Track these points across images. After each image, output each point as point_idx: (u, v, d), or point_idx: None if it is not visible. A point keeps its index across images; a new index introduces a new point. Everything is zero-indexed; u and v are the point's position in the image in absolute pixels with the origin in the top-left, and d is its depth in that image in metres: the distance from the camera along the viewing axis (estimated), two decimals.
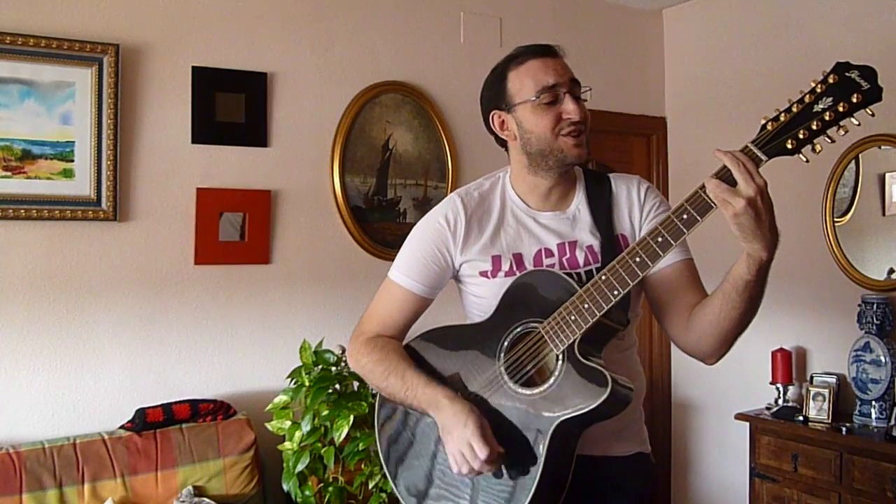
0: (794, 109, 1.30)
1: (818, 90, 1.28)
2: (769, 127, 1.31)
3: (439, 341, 1.62)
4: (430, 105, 3.44)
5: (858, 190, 3.30)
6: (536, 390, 1.44)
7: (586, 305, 1.40)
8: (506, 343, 1.50)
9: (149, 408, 2.67)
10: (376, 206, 3.31)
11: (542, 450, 1.40)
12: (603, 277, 1.40)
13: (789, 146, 1.28)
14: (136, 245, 2.81)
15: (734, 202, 1.26)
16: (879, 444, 2.85)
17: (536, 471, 1.40)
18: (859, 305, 3.11)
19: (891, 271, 3.16)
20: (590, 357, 1.43)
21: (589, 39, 3.94)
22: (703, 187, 1.32)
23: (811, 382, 3.27)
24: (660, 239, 1.35)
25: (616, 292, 1.38)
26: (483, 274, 1.59)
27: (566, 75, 1.55)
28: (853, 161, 3.27)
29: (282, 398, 2.72)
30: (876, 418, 3.01)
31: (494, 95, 1.60)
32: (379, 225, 3.31)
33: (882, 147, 3.16)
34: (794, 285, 3.49)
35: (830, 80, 1.29)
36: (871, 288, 3.17)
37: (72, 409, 2.70)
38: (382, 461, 1.63)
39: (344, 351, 2.67)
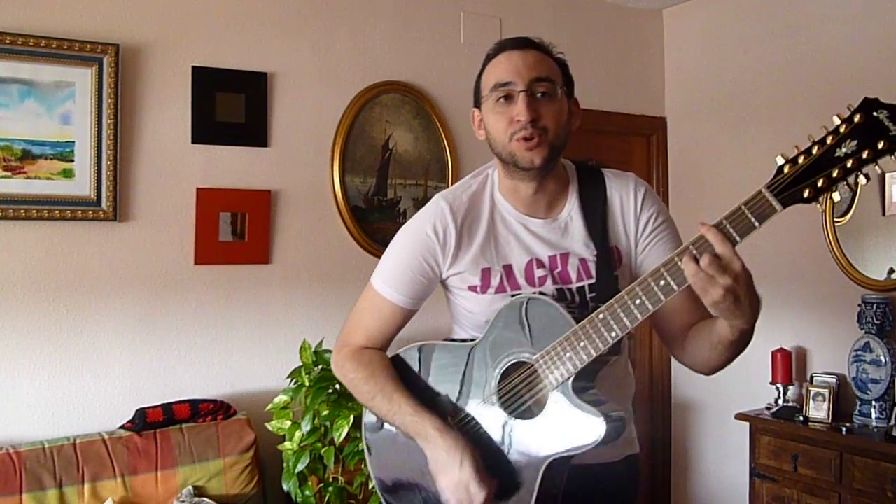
0: (815, 152, 1.19)
1: (842, 130, 1.18)
2: (786, 170, 1.21)
3: (429, 359, 1.56)
4: (430, 105, 3.44)
5: (858, 190, 3.30)
6: (530, 423, 1.41)
7: (582, 344, 1.35)
8: (497, 371, 1.45)
9: (149, 408, 2.67)
10: (376, 206, 3.31)
11: (534, 485, 1.38)
12: (601, 316, 1.34)
13: (806, 195, 1.20)
14: (136, 245, 2.81)
15: (713, 291, 1.21)
16: (879, 444, 2.85)
17: (529, 502, 1.38)
18: (859, 305, 3.11)
19: (891, 271, 3.16)
20: (584, 392, 1.38)
21: (589, 39, 3.94)
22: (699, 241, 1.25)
23: (811, 382, 3.27)
24: (662, 283, 1.28)
25: (614, 334, 1.33)
26: (472, 289, 1.53)
27: (529, 73, 1.43)
28: None
29: (282, 398, 2.72)
30: (876, 418, 3.01)
31: (475, 91, 1.55)
32: (379, 225, 3.31)
33: None
34: (794, 285, 3.49)
35: (856, 120, 1.17)
36: (871, 288, 3.17)
37: (72, 409, 2.70)
38: (372, 475, 1.61)
39: None
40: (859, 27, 3.28)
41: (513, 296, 1.49)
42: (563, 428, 1.37)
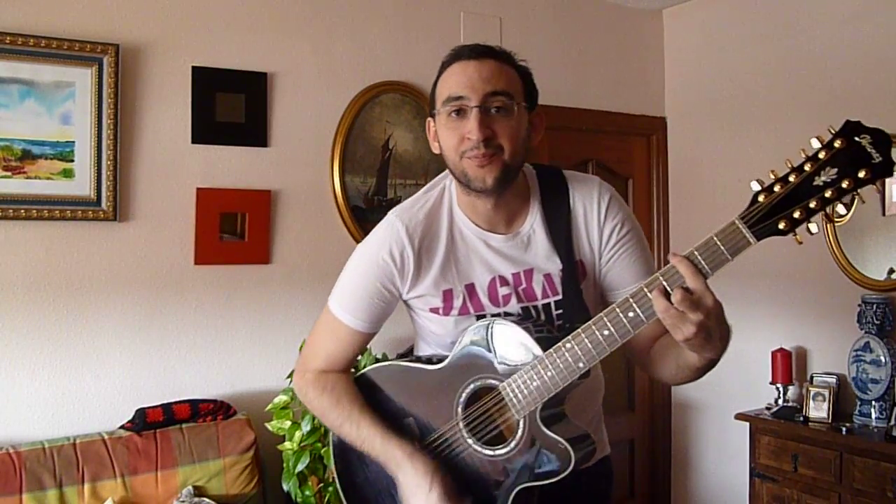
0: (792, 180, 1.11)
1: (821, 157, 1.10)
2: (761, 199, 1.13)
3: (396, 381, 1.53)
4: None
5: (858, 190, 3.29)
6: (497, 452, 1.39)
7: (549, 374, 1.31)
8: (462, 396, 1.42)
9: (149, 408, 2.66)
10: (376, 206, 3.31)
11: None
12: (567, 346, 1.29)
13: (782, 227, 1.12)
14: (136, 245, 2.81)
15: (684, 329, 1.16)
16: (879, 444, 2.85)
17: None
18: (859, 305, 3.11)
19: (891, 271, 3.16)
20: (553, 422, 1.36)
21: (589, 39, 3.94)
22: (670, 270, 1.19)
23: (811, 382, 3.27)
24: (631, 314, 1.22)
25: (581, 364, 1.29)
26: (434, 311, 1.48)
27: (483, 86, 1.34)
28: None
29: (282, 398, 2.72)
30: (876, 418, 3.01)
31: (430, 100, 1.45)
32: None
33: None
34: (794, 285, 3.49)
35: (837, 145, 1.09)
36: (871, 288, 3.17)
37: (72, 409, 2.70)
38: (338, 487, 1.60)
39: None
40: (859, 27, 3.27)
41: (478, 317, 1.45)
42: (531, 457, 1.35)
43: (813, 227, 1.13)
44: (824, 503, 2.99)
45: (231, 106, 2.99)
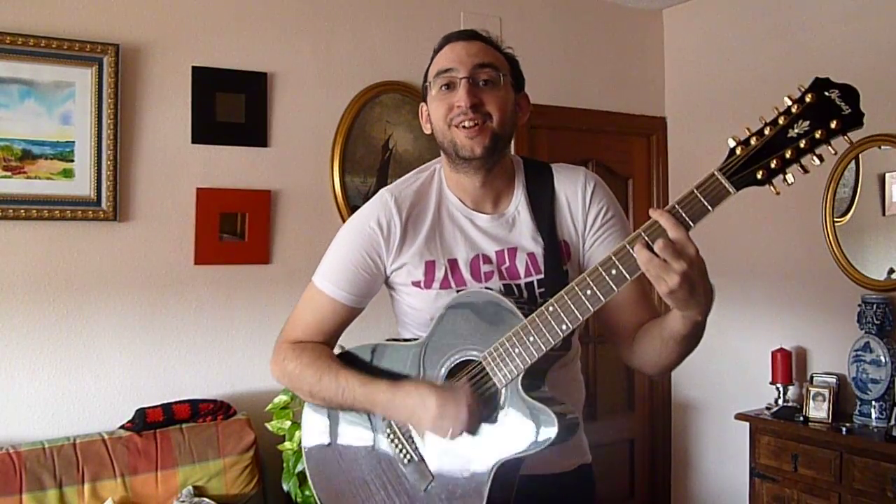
0: (767, 132, 1.16)
1: (794, 110, 1.15)
2: (738, 151, 1.18)
3: (375, 358, 1.51)
4: None
5: (858, 190, 3.30)
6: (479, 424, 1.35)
7: (531, 338, 1.29)
8: (443, 370, 1.40)
9: (149, 408, 2.66)
10: None
11: (485, 488, 1.32)
12: (550, 309, 1.28)
13: (759, 176, 1.17)
14: (136, 245, 2.81)
15: (668, 279, 1.16)
16: (879, 444, 2.85)
17: None
18: (859, 305, 3.11)
19: (891, 271, 3.16)
20: (534, 391, 1.33)
21: (589, 39, 3.94)
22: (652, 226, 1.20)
23: (811, 382, 3.27)
24: (614, 272, 1.22)
25: (564, 326, 1.27)
26: (416, 284, 1.47)
27: (470, 60, 1.41)
28: (853, 161, 3.27)
29: (282, 398, 2.72)
30: (876, 418, 3.01)
31: (423, 85, 1.53)
32: None
33: (882, 147, 3.16)
34: (794, 285, 3.49)
35: (808, 100, 1.14)
36: (871, 288, 3.17)
37: (72, 409, 2.70)
38: (308, 475, 1.56)
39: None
40: (858, 27, 3.28)
41: (458, 291, 1.44)
42: (514, 427, 1.31)
43: (790, 177, 1.17)
44: (824, 503, 2.99)
45: (231, 106, 2.99)
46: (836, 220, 3.33)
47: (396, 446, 1.44)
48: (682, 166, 4.10)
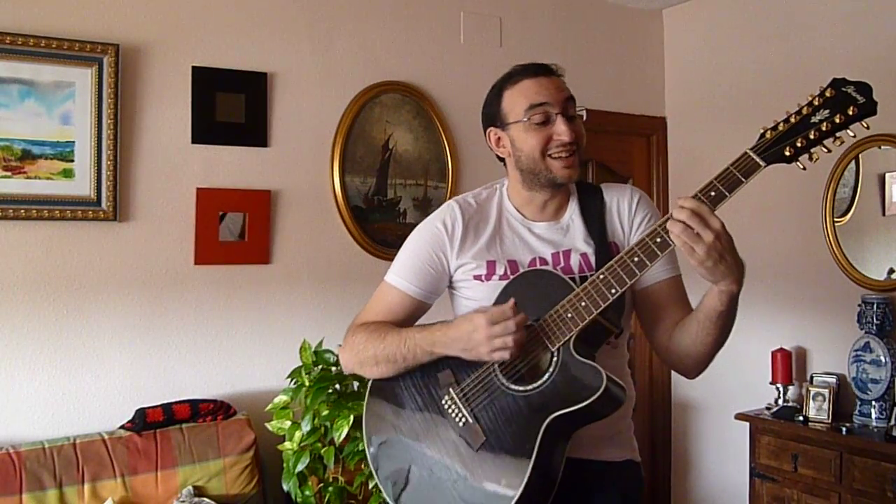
0: (793, 120, 1.37)
1: (815, 103, 1.35)
2: (768, 135, 1.38)
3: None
4: (430, 105, 3.44)
5: (858, 190, 3.30)
6: (530, 387, 1.45)
7: (583, 303, 1.42)
8: None
9: (149, 408, 2.67)
10: (376, 206, 3.31)
11: (533, 447, 1.41)
12: (601, 276, 1.42)
13: (787, 153, 1.35)
14: (136, 245, 2.81)
15: (698, 249, 1.31)
16: (879, 444, 2.85)
17: (527, 468, 1.40)
18: (859, 305, 3.11)
19: (891, 271, 3.16)
20: (585, 353, 1.44)
21: (589, 39, 3.94)
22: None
23: (811, 382, 3.27)
24: (658, 240, 1.39)
25: (614, 290, 1.41)
26: (477, 278, 1.60)
27: (560, 95, 1.57)
28: (853, 161, 3.27)
29: (282, 398, 2.72)
30: (876, 418, 3.01)
31: (491, 113, 1.64)
32: (379, 225, 3.31)
33: (882, 147, 3.16)
34: (794, 285, 3.49)
35: (827, 94, 1.35)
36: (871, 288, 3.17)
37: (72, 409, 2.70)
38: (369, 460, 1.62)
39: None
40: (858, 27, 3.28)
41: None
42: (564, 386, 1.42)
43: (815, 155, 1.36)
44: (824, 503, 3.00)
45: (231, 106, 2.99)
46: (836, 220, 3.33)
47: (452, 411, 1.52)
48: (682, 166, 4.10)
